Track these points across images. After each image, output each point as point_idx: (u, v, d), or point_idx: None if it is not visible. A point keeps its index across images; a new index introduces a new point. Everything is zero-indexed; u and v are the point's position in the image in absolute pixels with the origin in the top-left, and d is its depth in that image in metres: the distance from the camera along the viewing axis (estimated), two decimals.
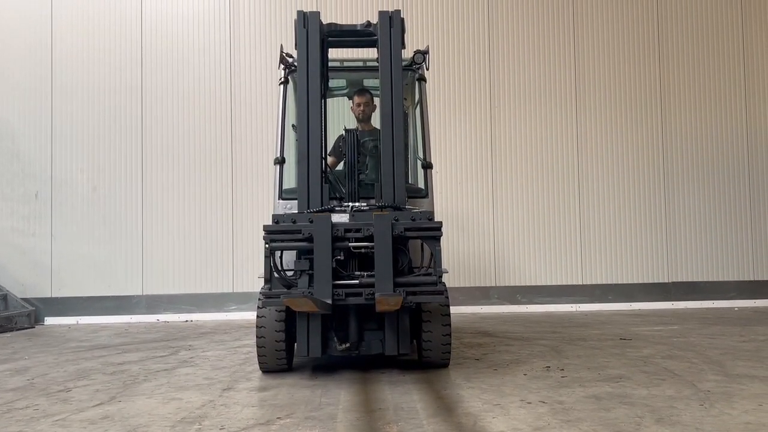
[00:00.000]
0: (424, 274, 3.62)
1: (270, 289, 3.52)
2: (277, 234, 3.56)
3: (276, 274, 3.59)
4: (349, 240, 3.55)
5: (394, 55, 3.88)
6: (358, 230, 3.55)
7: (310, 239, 3.51)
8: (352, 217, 3.71)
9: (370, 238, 3.53)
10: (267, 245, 3.53)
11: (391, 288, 3.45)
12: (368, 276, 3.54)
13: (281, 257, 3.72)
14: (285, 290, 3.56)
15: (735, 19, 8.30)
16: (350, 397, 3.23)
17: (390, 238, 3.49)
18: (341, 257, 3.59)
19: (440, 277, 3.53)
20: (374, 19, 3.99)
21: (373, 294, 3.45)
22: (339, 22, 4.16)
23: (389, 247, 3.48)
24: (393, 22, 3.90)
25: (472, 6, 8.07)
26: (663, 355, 4.26)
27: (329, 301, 3.44)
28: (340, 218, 3.69)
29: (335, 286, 3.49)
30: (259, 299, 3.68)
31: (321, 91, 3.95)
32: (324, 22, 3.99)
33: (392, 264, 3.48)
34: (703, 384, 3.35)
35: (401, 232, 3.52)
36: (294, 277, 3.62)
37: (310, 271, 3.53)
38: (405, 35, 3.98)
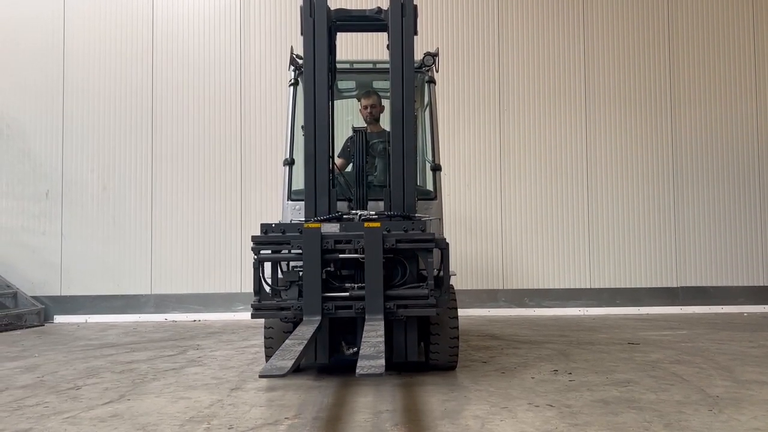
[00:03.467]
0: (415, 287, 3.55)
1: (259, 300, 3.49)
2: (265, 245, 3.52)
3: (265, 285, 3.55)
4: (339, 252, 3.50)
5: (406, 45, 3.73)
6: (348, 242, 3.49)
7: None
8: (343, 228, 3.60)
9: (362, 249, 3.47)
10: (255, 257, 3.50)
11: (381, 303, 3.40)
12: (359, 288, 3.50)
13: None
14: (274, 302, 3.53)
15: (746, 17, 8.24)
16: (357, 399, 3.23)
17: (381, 251, 3.44)
18: (332, 268, 3.54)
19: (433, 289, 3.46)
20: (385, 6, 3.88)
21: (364, 308, 3.42)
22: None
23: (380, 261, 3.43)
24: (405, 10, 3.74)
25: (481, 5, 8.07)
26: (671, 360, 4.25)
27: (318, 317, 3.39)
28: (332, 228, 3.60)
29: (325, 299, 3.46)
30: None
31: (328, 82, 3.84)
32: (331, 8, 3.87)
33: (383, 277, 3.42)
34: (711, 389, 3.34)
35: (393, 244, 3.47)
36: (283, 288, 3.60)
37: (300, 282, 3.51)
38: (417, 20, 3.82)
